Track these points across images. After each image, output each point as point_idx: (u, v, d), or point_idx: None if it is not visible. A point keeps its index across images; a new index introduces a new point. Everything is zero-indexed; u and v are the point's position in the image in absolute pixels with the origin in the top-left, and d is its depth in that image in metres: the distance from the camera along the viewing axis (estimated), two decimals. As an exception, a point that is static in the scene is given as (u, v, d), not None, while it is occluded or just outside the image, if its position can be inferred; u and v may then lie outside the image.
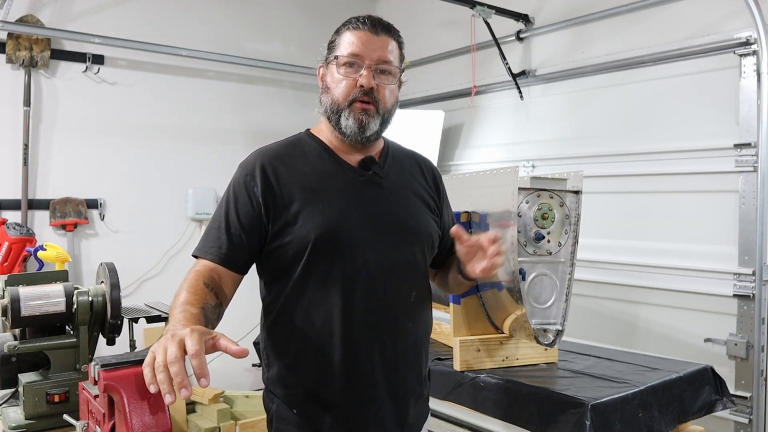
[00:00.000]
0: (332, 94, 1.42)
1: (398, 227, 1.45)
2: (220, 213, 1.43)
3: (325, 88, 1.46)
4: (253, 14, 3.99)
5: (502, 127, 3.64)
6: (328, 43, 1.49)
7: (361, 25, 1.44)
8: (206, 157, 3.81)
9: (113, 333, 1.76)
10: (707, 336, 2.68)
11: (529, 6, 3.44)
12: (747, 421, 2.54)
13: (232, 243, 1.39)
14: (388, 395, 1.41)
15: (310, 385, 1.39)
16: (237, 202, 1.41)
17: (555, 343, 1.78)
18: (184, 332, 1.05)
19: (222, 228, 1.40)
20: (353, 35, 1.43)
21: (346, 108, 1.40)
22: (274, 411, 1.43)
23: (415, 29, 4.21)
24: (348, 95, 1.40)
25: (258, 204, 1.39)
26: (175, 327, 1.12)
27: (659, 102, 2.90)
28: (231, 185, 1.44)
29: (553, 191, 1.79)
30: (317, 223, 1.37)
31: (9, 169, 3.25)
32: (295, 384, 1.41)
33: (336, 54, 1.43)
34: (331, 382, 1.38)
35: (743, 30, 2.55)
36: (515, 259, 1.70)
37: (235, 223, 1.39)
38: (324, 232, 1.36)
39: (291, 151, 1.46)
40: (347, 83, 1.41)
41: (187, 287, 1.29)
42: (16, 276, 1.81)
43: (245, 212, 1.40)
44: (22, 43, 3.24)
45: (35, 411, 1.63)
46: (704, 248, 2.72)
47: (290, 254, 1.38)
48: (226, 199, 1.43)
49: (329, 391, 1.38)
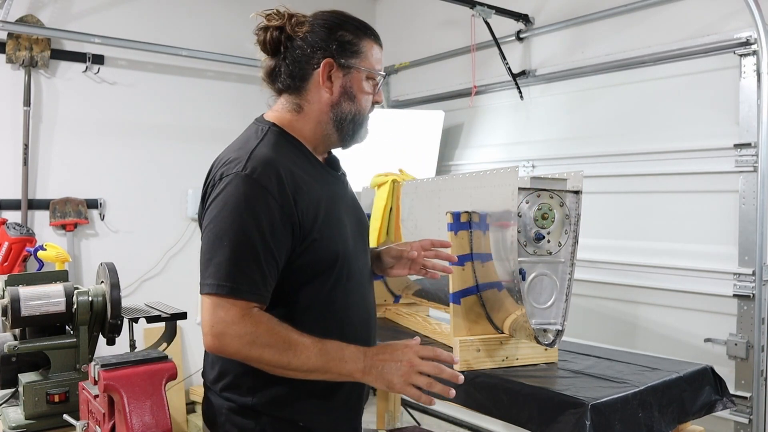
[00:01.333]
0: (359, 105, 1.40)
1: (362, 226, 1.52)
2: (243, 237, 1.22)
3: (345, 93, 1.38)
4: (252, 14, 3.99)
5: (502, 127, 3.64)
6: (337, 37, 1.37)
7: (377, 40, 1.46)
8: (206, 157, 3.74)
9: (113, 333, 1.76)
10: (707, 336, 2.68)
11: (529, 6, 3.44)
12: (747, 421, 2.54)
13: (273, 278, 1.26)
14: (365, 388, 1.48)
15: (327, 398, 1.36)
16: (270, 225, 1.24)
17: (555, 343, 1.78)
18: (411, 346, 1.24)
19: (260, 259, 1.23)
20: (378, 50, 1.45)
21: (366, 120, 1.43)
22: (266, 428, 1.33)
23: (415, 29, 4.22)
24: (369, 109, 1.43)
25: (292, 221, 1.27)
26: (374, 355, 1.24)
27: (659, 102, 2.90)
28: (247, 200, 1.23)
29: (553, 191, 1.78)
30: (337, 235, 1.35)
31: (9, 169, 3.25)
32: (307, 400, 1.34)
33: (366, 67, 1.40)
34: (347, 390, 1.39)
35: (743, 30, 2.55)
36: (515, 259, 1.70)
37: (272, 252, 1.24)
38: (343, 243, 1.36)
39: (286, 154, 1.34)
40: (369, 99, 1.42)
41: (291, 335, 1.23)
42: (16, 276, 1.81)
43: (281, 236, 1.25)
44: (22, 43, 3.24)
45: (35, 411, 1.63)
46: (704, 248, 2.72)
47: (320, 266, 1.32)
48: (248, 219, 1.23)
49: (343, 399, 1.39)
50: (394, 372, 1.21)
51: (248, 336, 1.21)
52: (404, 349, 1.23)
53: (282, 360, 1.21)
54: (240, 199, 1.23)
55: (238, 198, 1.23)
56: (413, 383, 1.20)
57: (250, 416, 1.33)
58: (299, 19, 1.39)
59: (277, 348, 1.21)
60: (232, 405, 1.36)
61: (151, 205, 3.66)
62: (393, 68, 4.33)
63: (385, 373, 1.21)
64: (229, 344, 1.23)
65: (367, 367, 1.22)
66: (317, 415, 1.35)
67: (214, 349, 1.27)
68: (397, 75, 4.35)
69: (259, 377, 1.30)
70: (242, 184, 1.24)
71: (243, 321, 1.21)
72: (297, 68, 1.38)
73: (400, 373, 1.21)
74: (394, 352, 1.23)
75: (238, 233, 1.22)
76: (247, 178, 1.24)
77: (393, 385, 1.21)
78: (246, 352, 1.22)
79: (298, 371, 1.23)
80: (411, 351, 1.23)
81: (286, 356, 1.21)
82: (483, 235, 1.84)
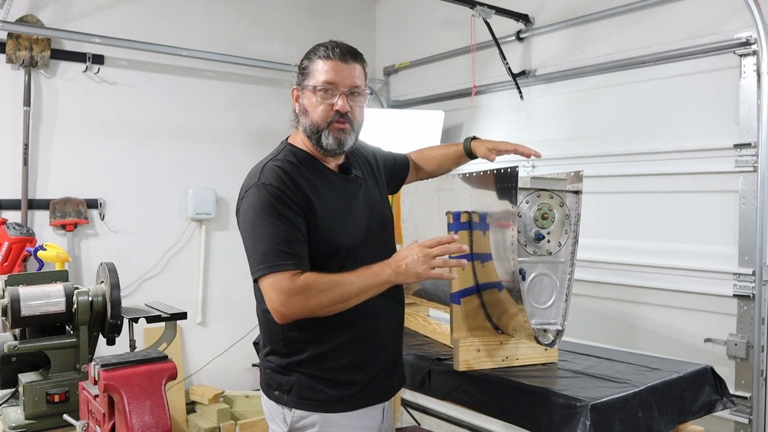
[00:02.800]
0: (311, 117, 1.66)
1: (381, 221, 1.77)
2: (273, 228, 1.54)
3: (302, 110, 1.69)
4: (253, 14, 3.99)
5: (502, 127, 3.64)
6: (299, 68, 1.70)
7: (331, 54, 1.64)
8: (206, 157, 3.81)
9: (113, 333, 1.76)
10: (707, 336, 2.68)
11: (529, 6, 3.44)
12: (747, 421, 2.54)
13: (305, 250, 1.57)
14: (396, 353, 1.80)
15: (348, 358, 1.65)
16: (287, 214, 1.55)
17: (555, 343, 1.79)
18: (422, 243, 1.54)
19: (291, 239, 1.54)
20: (326, 64, 1.64)
21: (325, 128, 1.65)
22: (295, 381, 1.64)
23: (415, 29, 4.22)
24: (326, 118, 1.65)
25: (302, 211, 1.57)
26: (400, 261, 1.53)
27: (659, 102, 2.90)
28: (268, 201, 1.55)
29: (553, 191, 1.79)
30: (340, 227, 1.63)
31: (9, 169, 3.25)
32: (329, 360, 1.63)
33: (312, 84, 1.65)
34: (364, 352, 1.67)
35: (743, 30, 2.55)
36: (515, 259, 1.70)
37: (296, 231, 1.55)
38: (347, 238, 1.63)
39: (292, 164, 1.65)
40: (324, 108, 1.64)
41: (333, 277, 1.54)
42: (16, 276, 1.81)
43: (297, 220, 1.56)
44: (22, 43, 3.24)
45: (35, 411, 1.63)
46: (704, 248, 2.72)
47: (322, 253, 1.60)
48: (274, 214, 1.55)
49: (364, 359, 1.67)
50: (416, 264, 1.50)
51: (303, 291, 1.50)
52: (414, 247, 1.53)
53: (336, 296, 1.51)
54: (260, 202, 1.57)
55: (259, 201, 1.57)
56: (433, 266, 1.50)
57: (285, 373, 1.66)
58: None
59: (329, 290, 1.51)
60: (272, 365, 1.69)
61: (151, 205, 3.66)
62: (393, 68, 4.33)
63: (410, 268, 1.51)
64: (293, 306, 1.51)
65: (395, 271, 1.52)
66: (337, 373, 1.64)
67: (284, 317, 1.53)
68: (397, 75, 4.35)
69: (290, 345, 1.64)
70: (260, 190, 1.58)
71: (294, 283, 1.50)
72: None
73: (419, 263, 1.50)
74: (408, 252, 1.53)
75: (266, 227, 1.55)
76: (262, 186, 1.58)
77: (419, 274, 1.50)
78: (308, 304, 1.51)
79: (351, 299, 1.53)
80: (419, 246, 1.52)
81: (338, 291, 1.51)
82: (483, 235, 1.84)
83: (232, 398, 3.74)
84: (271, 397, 1.69)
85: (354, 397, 1.65)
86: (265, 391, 1.72)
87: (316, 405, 1.63)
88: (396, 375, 1.80)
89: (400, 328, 1.82)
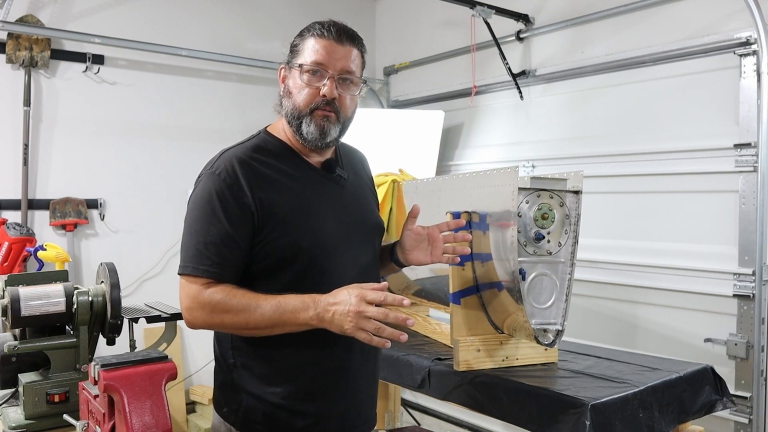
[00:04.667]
0: (294, 99, 1.46)
1: (362, 228, 1.56)
2: (205, 226, 1.38)
3: (287, 92, 1.48)
4: (253, 14, 3.99)
5: (502, 127, 3.64)
6: (291, 45, 1.50)
7: (326, 33, 1.45)
8: (206, 157, 3.76)
9: (113, 333, 1.76)
10: (707, 336, 2.68)
11: (529, 6, 3.44)
12: (747, 421, 2.54)
13: (234, 258, 1.38)
14: (364, 383, 1.54)
15: (302, 380, 1.44)
16: (227, 213, 1.38)
17: (555, 343, 1.78)
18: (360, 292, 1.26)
19: (218, 242, 1.37)
20: (318, 43, 1.45)
21: (308, 115, 1.44)
22: (242, 401, 1.45)
23: (415, 29, 4.22)
24: (310, 103, 1.44)
25: (249, 212, 1.38)
26: (323, 300, 1.29)
27: (659, 102, 2.90)
28: (210, 193, 1.39)
29: (553, 191, 1.78)
30: (303, 230, 1.42)
31: (9, 169, 3.25)
32: (285, 381, 1.44)
33: (300, 62, 1.45)
34: (322, 375, 1.46)
35: (743, 30, 2.55)
36: (515, 259, 1.70)
37: (231, 235, 1.37)
38: (311, 239, 1.42)
39: (259, 153, 1.46)
40: (310, 91, 1.44)
41: (243, 297, 1.34)
42: (16, 276, 1.81)
43: (237, 222, 1.38)
44: (22, 43, 3.24)
45: (35, 411, 1.63)
46: (704, 248, 2.72)
47: (278, 258, 1.41)
48: (210, 210, 1.38)
49: (318, 384, 1.46)
50: (344, 318, 1.26)
51: (208, 306, 1.35)
52: (353, 294, 1.27)
53: (240, 321, 1.34)
54: (204, 193, 1.41)
55: (203, 191, 1.41)
56: (363, 328, 1.25)
57: (234, 390, 1.47)
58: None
59: (235, 312, 1.33)
60: (222, 378, 1.51)
61: (151, 205, 3.66)
62: (393, 68, 4.33)
63: (336, 319, 1.27)
64: (197, 317, 1.37)
65: (319, 315, 1.29)
66: (288, 399, 1.43)
67: (189, 323, 1.40)
68: (397, 75, 4.35)
69: (238, 355, 1.46)
70: (208, 180, 1.42)
71: (201, 294, 1.35)
72: None
73: (348, 319, 1.26)
74: (344, 298, 1.28)
75: (200, 222, 1.39)
76: (211, 175, 1.42)
77: (344, 331, 1.27)
78: (210, 320, 1.36)
79: (259, 329, 1.34)
80: (358, 297, 1.26)
81: (243, 317, 1.33)
82: (483, 235, 1.84)
83: (232, 398, 3.73)
84: (221, 414, 1.50)
85: (306, 430, 1.45)
86: (215, 405, 1.54)
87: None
88: (363, 414, 1.55)
89: (374, 364, 1.57)
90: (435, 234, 1.60)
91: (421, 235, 1.60)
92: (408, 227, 1.61)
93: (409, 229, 1.61)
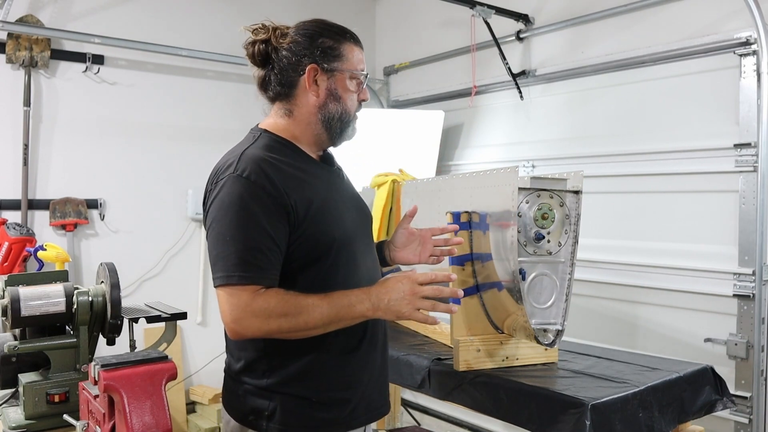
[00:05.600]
0: (345, 105, 1.51)
1: (364, 216, 1.63)
2: (245, 231, 1.35)
3: (331, 95, 1.50)
4: (252, 14, 3.96)
5: (502, 127, 3.64)
6: (322, 46, 1.50)
7: (355, 41, 1.54)
8: (206, 157, 3.76)
9: (113, 333, 1.76)
10: (707, 336, 2.68)
11: (529, 6, 3.44)
12: (747, 421, 2.54)
13: (278, 262, 1.39)
14: (383, 366, 1.60)
15: (336, 372, 1.47)
16: (266, 216, 1.36)
17: (555, 343, 1.78)
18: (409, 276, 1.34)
19: (263, 248, 1.35)
20: (358, 51, 1.53)
21: (354, 119, 1.54)
22: (278, 405, 1.44)
23: (415, 29, 4.22)
24: (356, 108, 1.54)
25: (286, 212, 1.39)
26: (378, 292, 1.35)
27: (659, 102, 2.90)
28: (242, 198, 1.36)
29: (553, 191, 1.78)
30: (334, 222, 1.47)
31: (9, 169, 3.25)
32: (317, 377, 1.45)
33: (348, 68, 1.51)
34: (353, 366, 1.50)
35: (743, 30, 2.55)
36: (515, 259, 1.70)
37: (273, 238, 1.37)
38: (341, 231, 1.47)
39: (274, 153, 1.47)
40: (356, 98, 1.53)
41: (300, 300, 1.35)
42: (16, 276, 1.81)
43: (277, 224, 1.37)
44: (22, 43, 3.24)
45: (35, 411, 1.63)
46: (704, 248, 2.72)
47: (315, 252, 1.43)
48: (246, 215, 1.36)
49: (353, 375, 1.50)
50: (400, 302, 1.34)
51: (263, 312, 1.33)
52: (404, 280, 1.35)
53: (299, 323, 1.34)
54: (235, 198, 1.36)
55: (233, 196, 1.37)
56: (419, 307, 1.34)
57: (265, 396, 1.44)
58: (282, 31, 1.56)
59: (292, 315, 1.33)
60: (248, 387, 1.47)
61: (151, 205, 3.66)
62: (393, 68, 4.33)
63: (392, 305, 1.34)
64: (249, 326, 1.34)
65: (374, 305, 1.35)
66: (326, 392, 1.46)
67: (237, 334, 1.37)
68: (397, 75, 4.35)
69: (272, 360, 1.44)
70: (236, 184, 1.38)
71: (255, 301, 1.33)
72: (285, 76, 1.51)
73: (405, 302, 1.34)
74: (396, 285, 1.35)
75: (238, 228, 1.35)
76: (239, 178, 1.38)
77: (402, 314, 1.34)
78: (266, 327, 1.34)
79: (317, 328, 1.36)
80: (410, 280, 1.35)
81: (302, 318, 1.33)
82: (483, 235, 1.84)
83: (232, 398, 3.73)
84: (246, 424, 1.46)
85: (345, 419, 1.48)
86: (236, 416, 1.49)
87: (299, 430, 1.45)
88: (383, 397, 1.61)
89: (386, 339, 1.63)
90: (427, 236, 1.68)
91: (413, 236, 1.68)
92: (403, 226, 1.69)
93: (404, 228, 1.69)
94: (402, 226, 1.68)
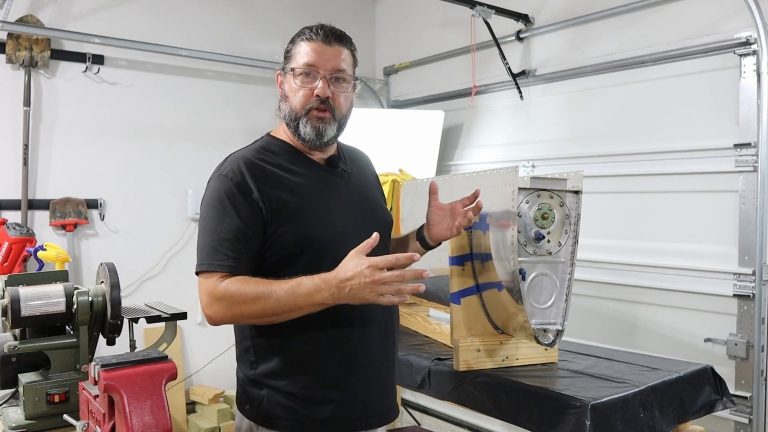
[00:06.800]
0: (290, 102, 1.55)
1: (371, 219, 1.59)
2: (218, 224, 1.45)
3: (283, 96, 1.58)
4: (252, 14, 3.99)
5: (502, 127, 3.64)
6: (284, 52, 1.58)
7: (314, 36, 1.53)
8: (206, 157, 3.77)
9: (113, 333, 1.76)
10: (707, 336, 2.68)
11: (529, 6, 3.44)
12: (747, 421, 2.54)
13: (248, 251, 1.44)
14: (384, 369, 1.58)
15: (322, 368, 1.49)
16: (237, 209, 1.44)
17: (555, 343, 1.78)
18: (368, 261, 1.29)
19: (231, 238, 1.43)
20: (308, 46, 1.53)
21: (304, 116, 1.53)
22: (265, 396, 1.49)
23: (415, 29, 4.22)
24: (305, 104, 1.53)
25: (258, 207, 1.45)
26: (334, 277, 1.32)
27: (659, 102, 2.90)
28: (219, 194, 1.46)
29: (553, 191, 1.79)
30: (312, 222, 1.48)
31: (9, 169, 3.25)
32: (301, 373, 1.48)
33: (292, 66, 1.54)
34: (341, 362, 1.50)
35: (743, 30, 2.55)
36: (515, 259, 1.70)
37: (243, 230, 1.44)
38: (322, 232, 1.48)
39: (263, 154, 1.54)
40: (304, 93, 1.53)
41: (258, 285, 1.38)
42: (16, 276, 1.81)
43: (248, 217, 1.44)
44: (22, 43, 3.24)
45: (35, 411, 1.63)
46: (704, 248, 2.72)
47: (289, 251, 1.47)
48: (221, 209, 1.45)
49: (338, 371, 1.50)
50: (363, 290, 1.30)
51: (225, 298, 1.39)
52: (363, 268, 1.29)
53: (258, 309, 1.37)
54: (214, 194, 1.48)
55: (213, 193, 1.49)
56: (383, 293, 1.30)
57: (256, 387, 1.51)
58: None
59: (251, 301, 1.37)
60: (241, 376, 1.56)
61: (151, 205, 3.66)
62: (393, 68, 4.33)
63: (355, 293, 1.30)
64: (215, 311, 1.42)
65: (334, 294, 1.33)
66: (309, 389, 1.48)
67: (210, 319, 1.45)
68: (397, 75, 4.35)
69: (258, 351, 1.51)
70: (216, 182, 1.50)
71: (217, 287, 1.40)
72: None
73: (368, 290, 1.29)
74: (354, 273, 1.30)
75: (213, 220, 1.46)
76: (220, 177, 1.49)
77: (366, 300, 1.31)
78: (230, 313, 1.40)
79: (277, 315, 1.38)
80: (370, 267, 1.29)
81: (261, 305, 1.37)
82: (483, 235, 1.84)
83: (232, 398, 3.73)
84: (243, 412, 1.55)
85: (334, 420, 1.48)
86: (239, 406, 1.57)
87: (286, 425, 1.48)
88: (385, 403, 1.59)
89: (390, 341, 1.61)
90: (458, 208, 1.66)
91: (444, 210, 1.67)
92: (432, 203, 1.69)
93: (432, 205, 1.68)
94: (431, 204, 1.69)
